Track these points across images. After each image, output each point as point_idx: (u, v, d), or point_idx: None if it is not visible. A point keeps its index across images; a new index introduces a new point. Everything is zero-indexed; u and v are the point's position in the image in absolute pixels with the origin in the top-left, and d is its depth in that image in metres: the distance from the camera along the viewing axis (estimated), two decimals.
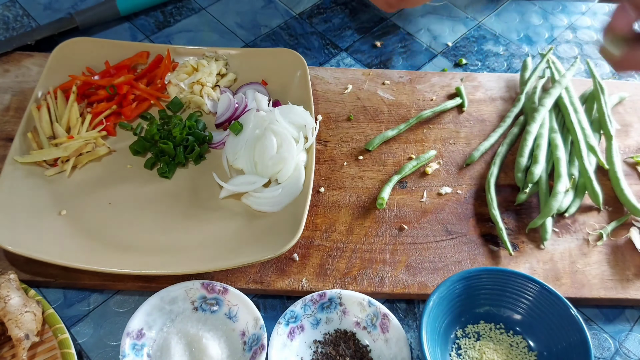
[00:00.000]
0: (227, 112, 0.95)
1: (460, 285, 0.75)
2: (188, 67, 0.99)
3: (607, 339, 0.79)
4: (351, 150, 0.95)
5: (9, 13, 1.14)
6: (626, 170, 0.94)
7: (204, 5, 1.18)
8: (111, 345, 0.76)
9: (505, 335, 0.76)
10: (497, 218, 0.86)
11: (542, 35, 1.17)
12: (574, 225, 0.88)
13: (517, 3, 1.23)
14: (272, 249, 0.77)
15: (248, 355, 0.72)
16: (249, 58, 1.02)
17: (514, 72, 1.10)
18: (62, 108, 0.93)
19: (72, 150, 0.87)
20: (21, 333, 0.69)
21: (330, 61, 1.10)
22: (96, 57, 1.00)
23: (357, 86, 1.03)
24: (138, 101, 0.96)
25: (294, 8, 1.18)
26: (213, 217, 0.85)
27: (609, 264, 0.84)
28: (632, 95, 1.04)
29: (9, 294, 0.70)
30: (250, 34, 1.14)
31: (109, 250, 0.79)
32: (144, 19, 1.15)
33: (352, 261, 0.82)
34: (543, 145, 0.92)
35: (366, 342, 0.76)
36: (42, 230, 0.80)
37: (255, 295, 0.81)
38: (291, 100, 0.95)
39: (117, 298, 0.80)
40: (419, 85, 1.04)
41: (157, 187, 0.88)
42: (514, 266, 0.83)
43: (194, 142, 0.90)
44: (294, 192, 0.85)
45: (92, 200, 0.86)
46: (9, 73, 1.01)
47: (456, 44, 1.14)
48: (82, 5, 1.16)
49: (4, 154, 0.88)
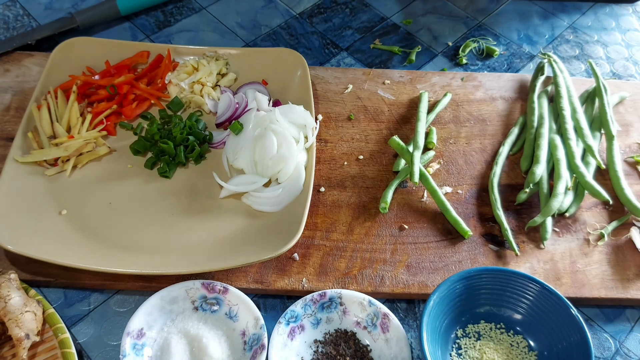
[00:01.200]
0: (228, 112, 0.95)
1: (460, 285, 0.75)
2: (188, 66, 0.99)
3: (607, 339, 0.79)
4: (351, 150, 0.95)
5: (10, 13, 1.14)
6: (626, 170, 0.94)
7: (204, 4, 1.18)
8: (111, 344, 0.76)
9: (506, 335, 0.76)
10: (501, 219, 0.86)
11: (543, 35, 1.17)
12: (574, 225, 0.88)
13: (517, 3, 1.23)
14: (273, 248, 0.77)
15: (248, 354, 0.72)
16: (249, 58, 1.02)
17: (514, 71, 1.10)
18: (63, 108, 0.93)
19: (73, 149, 0.87)
20: (22, 332, 0.69)
21: (331, 61, 1.10)
22: (96, 57, 1.00)
23: (358, 86, 1.03)
24: (138, 101, 0.96)
25: (295, 8, 1.18)
26: (213, 217, 0.85)
27: (609, 264, 0.84)
28: (632, 95, 1.04)
29: (9, 294, 0.70)
30: (251, 33, 1.14)
31: (110, 250, 0.79)
32: (144, 19, 1.15)
33: (352, 261, 0.82)
34: (543, 146, 0.92)
35: (366, 342, 0.76)
36: (42, 230, 0.80)
37: (255, 295, 0.81)
38: (291, 100, 0.95)
39: (118, 298, 0.80)
40: (419, 85, 1.04)
41: (157, 186, 0.88)
42: (515, 266, 0.83)
43: (194, 142, 0.90)
44: (294, 192, 0.85)
45: (93, 199, 0.86)
46: (9, 73, 1.01)
47: (456, 44, 1.14)
48: (83, 5, 1.16)
49: (5, 154, 0.88)
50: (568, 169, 0.90)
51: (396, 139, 0.90)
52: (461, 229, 0.84)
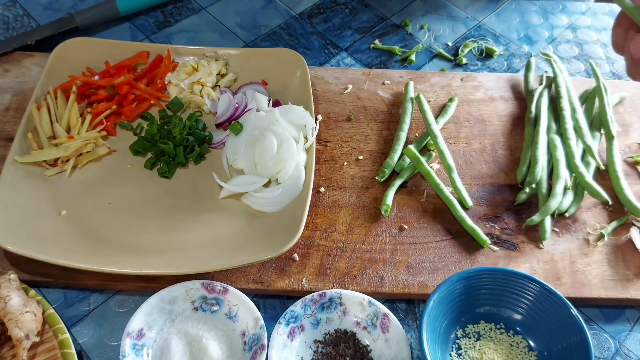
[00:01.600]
0: (227, 112, 0.95)
1: (460, 285, 0.75)
2: (188, 67, 0.99)
3: (607, 339, 0.79)
4: (351, 150, 0.95)
5: (9, 13, 1.14)
6: (626, 170, 0.94)
7: (204, 5, 1.18)
8: (111, 345, 0.76)
9: (506, 335, 0.76)
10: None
11: (542, 35, 1.17)
12: (574, 225, 0.88)
13: (517, 3, 1.23)
14: (272, 249, 0.77)
15: (248, 355, 0.72)
16: (249, 58, 1.02)
17: (514, 71, 1.10)
18: (62, 108, 0.93)
19: (72, 150, 0.87)
20: (21, 333, 0.69)
21: (330, 61, 1.10)
22: (96, 57, 1.00)
23: (357, 86, 1.03)
24: (138, 101, 0.96)
25: (294, 8, 1.18)
26: (213, 217, 0.85)
27: (609, 264, 0.84)
28: (632, 95, 1.04)
29: (9, 294, 0.70)
30: (250, 34, 1.14)
31: (109, 250, 0.79)
32: (144, 19, 1.15)
33: (352, 261, 0.82)
34: (542, 145, 0.92)
35: (366, 342, 0.76)
36: (42, 230, 0.80)
37: (255, 295, 0.81)
38: (291, 100, 0.95)
39: (117, 298, 0.80)
40: (419, 85, 1.04)
41: (157, 187, 0.88)
42: (514, 266, 0.83)
43: (194, 142, 0.90)
44: (294, 192, 0.85)
45: (93, 200, 0.86)
46: (9, 73, 1.01)
47: (456, 44, 1.14)
48: (82, 5, 1.16)
49: (4, 154, 0.88)
50: (567, 169, 0.90)
51: (412, 149, 0.90)
52: (479, 239, 0.84)
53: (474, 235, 0.84)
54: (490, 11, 1.21)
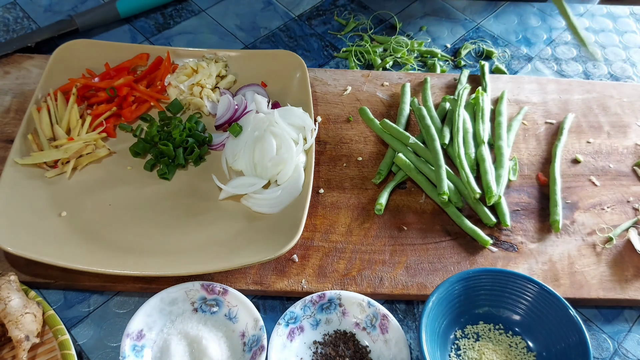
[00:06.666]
0: (227, 114, 0.95)
1: (459, 286, 0.75)
2: (188, 69, 0.99)
3: (605, 340, 0.80)
4: (350, 152, 0.95)
5: (9, 15, 1.15)
6: (623, 171, 0.94)
7: (203, 7, 1.18)
8: (111, 346, 0.76)
9: (505, 335, 0.77)
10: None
11: (541, 37, 1.17)
12: (572, 226, 0.88)
13: (515, 5, 1.23)
14: (272, 250, 0.77)
15: (248, 356, 0.73)
16: (248, 60, 1.03)
17: (512, 73, 1.10)
18: (62, 110, 0.93)
19: (72, 151, 0.87)
20: (21, 334, 0.69)
21: (330, 63, 1.10)
22: (96, 59, 1.00)
23: (356, 88, 1.03)
24: (138, 103, 0.97)
25: (294, 10, 1.19)
26: (213, 218, 0.85)
27: (607, 265, 0.84)
28: (630, 97, 1.04)
29: (9, 296, 0.71)
30: (250, 35, 1.14)
31: (109, 252, 0.79)
32: (143, 21, 1.15)
33: (351, 262, 0.83)
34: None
35: (366, 343, 0.76)
36: (42, 232, 0.80)
37: (255, 296, 0.81)
38: (290, 102, 0.95)
39: (117, 299, 0.80)
40: (417, 87, 1.04)
41: (157, 188, 0.88)
42: (513, 267, 0.83)
43: (193, 144, 0.90)
44: (294, 194, 0.85)
45: (92, 201, 0.86)
46: (9, 75, 1.01)
47: (455, 46, 1.14)
48: (82, 8, 1.16)
49: (5, 156, 0.89)
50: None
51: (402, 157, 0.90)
52: (480, 239, 0.85)
53: (475, 236, 0.84)
54: (489, 13, 1.21)
